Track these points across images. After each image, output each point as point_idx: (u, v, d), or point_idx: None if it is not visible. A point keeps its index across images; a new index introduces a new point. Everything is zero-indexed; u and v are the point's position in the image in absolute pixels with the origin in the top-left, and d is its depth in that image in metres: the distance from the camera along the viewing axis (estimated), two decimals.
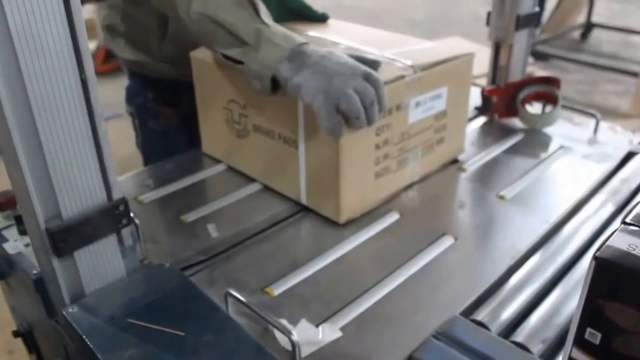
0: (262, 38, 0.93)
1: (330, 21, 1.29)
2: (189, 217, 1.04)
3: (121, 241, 0.76)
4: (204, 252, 0.94)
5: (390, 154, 1.04)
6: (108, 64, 4.22)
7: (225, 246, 0.96)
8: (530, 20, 1.35)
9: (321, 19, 1.28)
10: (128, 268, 0.81)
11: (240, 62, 0.96)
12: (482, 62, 1.75)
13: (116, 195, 0.73)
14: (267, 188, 1.11)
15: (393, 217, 1.03)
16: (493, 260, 0.91)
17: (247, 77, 0.96)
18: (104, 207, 0.72)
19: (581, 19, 5.06)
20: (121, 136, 1.52)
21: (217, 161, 1.21)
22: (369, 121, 0.90)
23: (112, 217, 0.73)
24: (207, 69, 1.11)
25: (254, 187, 1.12)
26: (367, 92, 0.88)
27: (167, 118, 1.38)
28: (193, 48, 1.14)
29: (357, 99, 0.87)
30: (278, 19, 1.05)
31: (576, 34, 5.11)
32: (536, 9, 1.36)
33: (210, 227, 1.00)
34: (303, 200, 1.05)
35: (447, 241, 0.96)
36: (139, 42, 1.29)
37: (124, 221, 0.74)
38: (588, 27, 5.05)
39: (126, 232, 0.76)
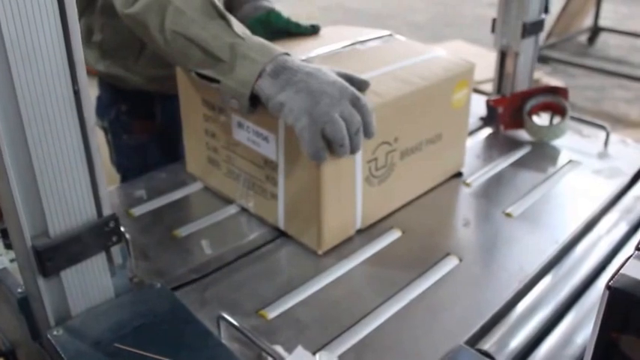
0: (237, 53, 0.89)
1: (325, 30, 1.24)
2: (183, 231, 1.03)
3: (110, 259, 0.76)
4: (197, 270, 0.93)
5: (218, 151, 1.08)
6: None
7: (219, 264, 0.95)
8: (537, 28, 1.35)
9: (312, 32, 1.20)
10: (117, 287, 0.80)
11: (216, 81, 0.91)
12: (486, 67, 1.75)
13: (106, 211, 0.72)
14: None
15: (394, 234, 1.02)
16: (500, 284, 0.91)
17: (224, 96, 0.92)
18: (94, 224, 0.71)
19: (588, 22, 5.07)
20: None
21: None
22: (353, 150, 0.87)
23: (101, 234, 0.72)
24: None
25: None
26: (353, 119, 0.85)
27: (141, 131, 1.36)
28: (173, 66, 1.09)
29: (343, 125, 0.83)
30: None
31: (583, 38, 5.12)
32: (543, 16, 1.36)
33: (205, 243, 1.00)
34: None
35: (451, 262, 0.95)
36: (116, 56, 1.27)
37: (114, 239, 0.74)
38: (595, 31, 5.06)
39: (115, 250, 0.75)
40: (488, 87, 1.51)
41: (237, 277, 0.93)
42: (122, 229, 0.91)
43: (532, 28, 1.33)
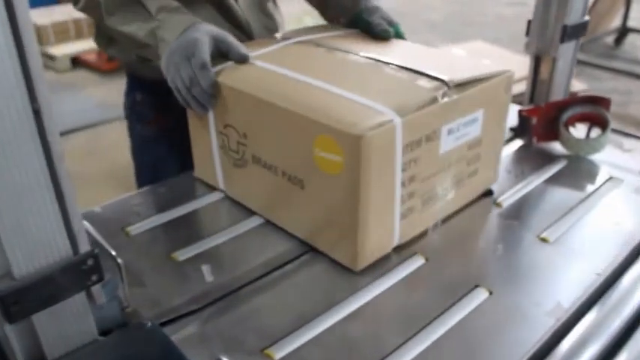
0: (157, 37, 0.99)
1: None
2: (182, 254, 0.93)
3: (91, 298, 0.65)
4: (196, 300, 0.83)
5: (416, 192, 0.91)
6: (113, 61, 4.13)
7: (221, 293, 0.84)
8: (579, 31, 1.23)
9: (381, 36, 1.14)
10: (106, 321, 0.71)
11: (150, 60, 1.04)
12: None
13: (83, 247, 0.62)
14: (269, 222, 1.00)
15: (417, 261, 0.91)
16: (535, 321, 0.79)
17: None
18: (68, 262, 0.61)
19: (616, 23, 4.90)
20: (124, 140, 1.41)
21: (215, 188, 1.10)
22: (196, 103, 0.97)
23: (78, 273, 0.62)
24: None
25: (255, 221, 1.01)
26: (186, 76, 0.94)
27: (155, 124, 1.28)
28: None
29: (178, 84, 0.96)
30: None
31: (609, 39, 4.95)
32: (586, 18, 1.24)
33: (205, 269, 0.89)
34: (312, 242, 0.94)
35: (480, 295, 0.84)
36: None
37: (94, 278, 0.63)
38: (623, 32, 4.89)
39: (97, 289, 0.65)
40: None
41: (241, 309, 0.82)
42: (113, 253, 0.82)
43: (573, 32, 1.20)
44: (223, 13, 1.16)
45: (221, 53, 0.98)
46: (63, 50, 4.53)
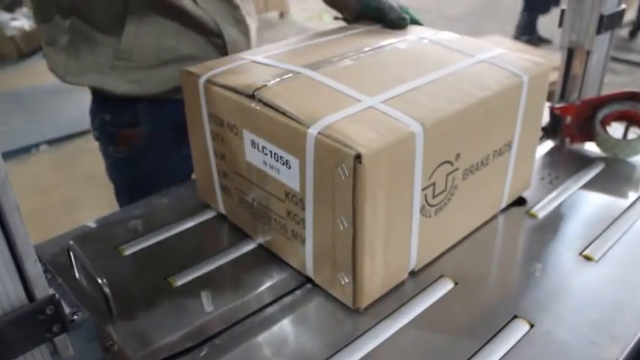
0: None
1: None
2: (180, 278, 0.79)
3: (56, 352, 0.52)
4: (192, 335, 0.69)
5: (229, 176, 0.81)
6: None
7: (220, 327, 0.70)
8: (615, 21, 1.07)
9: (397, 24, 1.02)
10: None
11: None
12: None
13: (41, 292, 0.48)
14: None
15: (445, 286, 0.76)
16: None
17: None
18: (21, 313, 0.47)
19: (630, 15, 4.68)
20: None
21: None
22: None
23: (35, 324, 0.48)
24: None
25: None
26: None
27: (127, 142, 1.12)
28: (159, 65, 1.03)
29: None
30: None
31: (624, 32, 4.73)
32: (622, 6, 1.07)
33: (205, 296, 0.75)
34: (309, 274, 0.78)
35: (519, 329, 0.69)
36: (87, 60, 1.05)
37: (55, 328, 0.49)
38: (638, 25, 4.67)
39: (62, 340, 0.51)
40: None
41: (241, 348, 0.68)
42: (99, 280, 0.69)
43: (610, 22, 1.04)
44: (185, 22, 1.02)
45: None
46: None
